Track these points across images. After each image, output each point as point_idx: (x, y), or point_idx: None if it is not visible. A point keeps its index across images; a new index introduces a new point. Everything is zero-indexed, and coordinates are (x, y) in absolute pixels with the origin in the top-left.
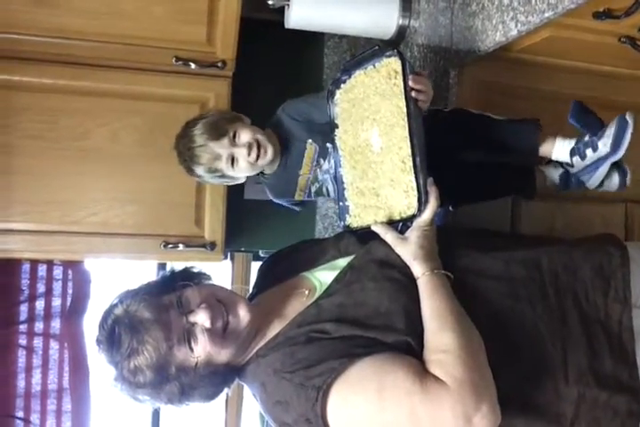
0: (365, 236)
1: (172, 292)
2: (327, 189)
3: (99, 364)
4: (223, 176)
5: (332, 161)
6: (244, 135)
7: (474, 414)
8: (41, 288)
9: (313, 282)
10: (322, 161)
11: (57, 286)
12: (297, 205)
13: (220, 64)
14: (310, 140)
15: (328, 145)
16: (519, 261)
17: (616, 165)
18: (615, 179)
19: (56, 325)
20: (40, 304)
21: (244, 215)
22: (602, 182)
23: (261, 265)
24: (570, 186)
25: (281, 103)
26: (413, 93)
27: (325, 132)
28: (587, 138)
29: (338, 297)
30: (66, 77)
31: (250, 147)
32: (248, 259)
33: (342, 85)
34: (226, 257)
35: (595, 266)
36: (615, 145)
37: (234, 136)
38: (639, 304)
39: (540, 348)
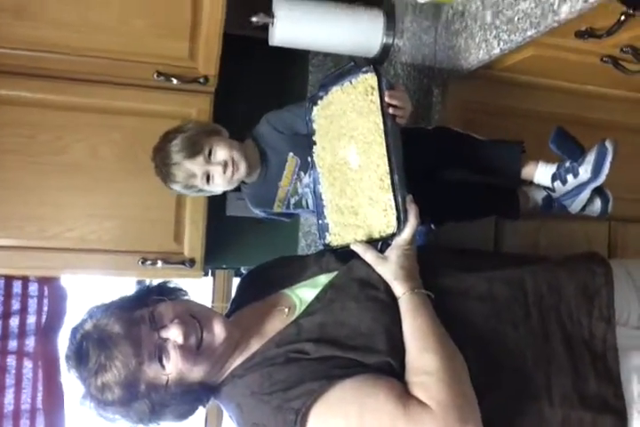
0: (347, 253)
1: (144, 307)
2: (307, 202)
3: (73, 383)
4: (200, 191)
5: (313, 170)
6: (220, 153)
7: None
8: (15, 305)
9: (293, 299)
10: (302, 174)
11: (32, 303)
12: (284, 216)
13: (202, 80)
14: (292, 153)
15: (309, 159)
16: (502, 281)
17: (598, 191)
18: (597, 204)
19: (30, 343)
20: (14, 322)
21: (225, 232)
22: (584, 207)
23: (241, 280)
24: (552, 209)
25: None
26: (391, 110)
27: (308, 144)
28: (568, 164)
29: (318, 316)
30: (45, 91)
31: (225, 165)
32: (229, 276)
33: (319, 102)
34: (207, 274)
35: (579, 285)
36: (596, 171)
37: (209, 153)
38: (623, 322)
39: (523, 369)
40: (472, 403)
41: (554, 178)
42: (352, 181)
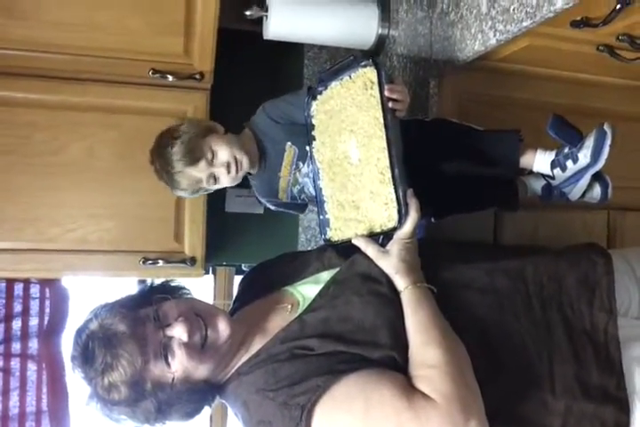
0: (348, 248)
1: (149, 305)
2: (309, 191)
3: (77, 384)
4: (207, 190)
5: (312, 165)
6: (222, 154)
7: None
8: (17, 307)
9: (296, 296)
10: (301, 164)
11: (34, 305)
12: (295, 208)
13: (197, 76)
14: (289, 143)
15: (307, 148)
16: (503, 273)
17: (597, 177)
18: (597, 190)
19: (33, 345)
20: (17, 324)
21: (225, 229)
22: (584, 194)
23: (243, 278)
24: (552, 197)
25: None
26: (390, 104)
27: (306, 133)
28: (566, 150)
29: (322, 312)
30: (39, 91)
31: (229, 165)
32: (230, 273)
33: (318, 96)
34: (207, 272)
35: (580, 276)
36: (595, 156)
37: (212, 157)
38: (623, 312)
39: (526, 360)
40: (475, 395)
41: (553, 165)
42: (352, 175)
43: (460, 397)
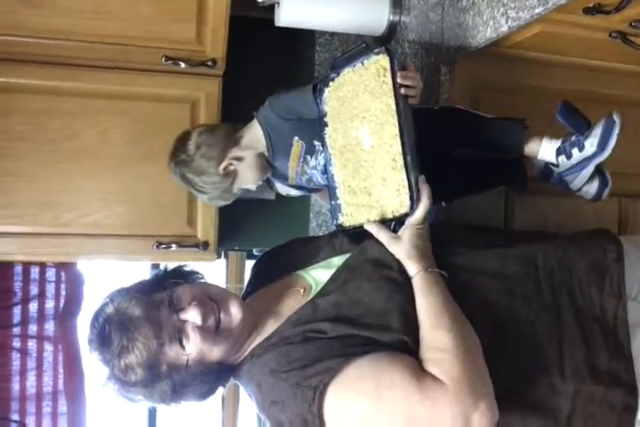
0: (360, 233)
1: (163, 290)
2: (317, 180)
3: (93, 365)
4: None
5: (320, 158)
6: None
7: (472, 412)
8: (34, 290)
9: (308, 280)
10: (309, 158)
11: (50, 288)
12: (304, 189)
13: (209, 63)
14: (297, 138)
15: (315, 143)
16: (514, 258)
17: (600, 174)
18: (594, 186)
19: (50, 327)
20: (33, 306)
21: (237, 214)
22: (582, 186)
23: (255, 263)
24: (550, 180)
25: None
26: (403, 90)
27: (313, 127)
28: (573, 137)
29: (333, 296)
30: (54, 78)
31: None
32: (242, 257)
33: (331, 83)
34: (219, 256)
35: (590, 261)
36: (602, 144)
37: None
38: (633, 297)
39: (535, 344)
40: (485, 378)
41: (558, 152)
42: (365, 161)
43: (470, 380)
